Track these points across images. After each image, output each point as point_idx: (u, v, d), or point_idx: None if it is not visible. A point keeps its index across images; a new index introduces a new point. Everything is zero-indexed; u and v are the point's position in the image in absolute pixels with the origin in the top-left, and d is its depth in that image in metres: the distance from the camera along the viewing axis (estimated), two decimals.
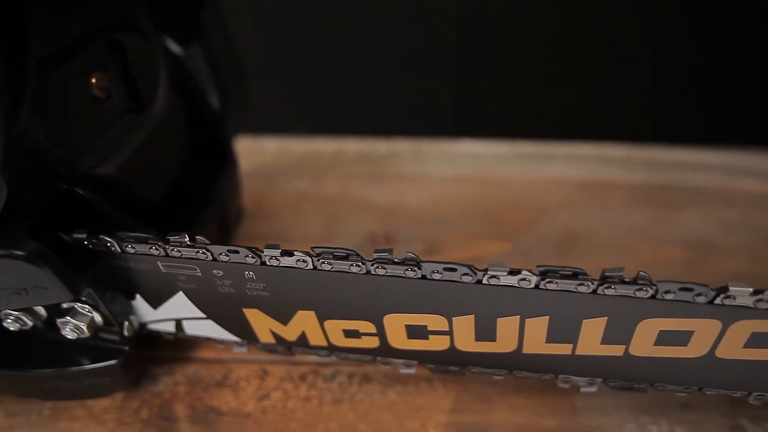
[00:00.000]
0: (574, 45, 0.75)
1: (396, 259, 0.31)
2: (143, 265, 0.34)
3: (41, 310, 0.36)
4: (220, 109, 0.50)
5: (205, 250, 0.32)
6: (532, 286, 0.30)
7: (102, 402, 0.41)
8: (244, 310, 0.36)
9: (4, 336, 0.38)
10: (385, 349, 0.36)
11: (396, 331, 0.34)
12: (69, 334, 0.35)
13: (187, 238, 0.33)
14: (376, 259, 0.31)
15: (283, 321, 0.36)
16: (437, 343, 0.35)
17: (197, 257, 0.33)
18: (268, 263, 0.32)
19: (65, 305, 0.35)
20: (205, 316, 0.37)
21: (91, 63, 0.34)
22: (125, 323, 0.37)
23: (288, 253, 0.31)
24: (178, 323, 0.38)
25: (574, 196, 0.60)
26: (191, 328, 0.39)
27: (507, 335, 0.33)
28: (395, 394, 0.42)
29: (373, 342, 0.36)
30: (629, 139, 0.65)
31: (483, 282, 0.30)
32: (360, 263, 0.31)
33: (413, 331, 0.34)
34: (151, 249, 0.33)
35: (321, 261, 0.31)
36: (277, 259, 0.32)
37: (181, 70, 0.45)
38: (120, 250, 0.34)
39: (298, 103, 0.79)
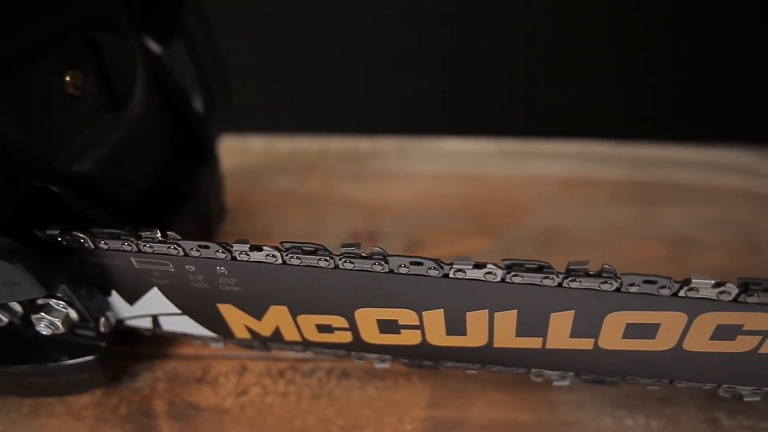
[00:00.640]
0: (559, 44, 0.75)
1: (363, 254, 0.31)
2: (117, 261, 0.35)
3: (17, 307, 0.36)
4: (203, 108, 0.50)
5: (176, 246, 0.33)
6: (499, 279, 0.30)
7: (81, 398, 0.41)
8: (218, 305, 0.36)
9: None
10: (359, 344, 0.36)
11: (368, 325, 0.35)
12: (44, 330, 0.35)
13: (159, 234, 0.33)
14: (343, 254, 0.31)
15: (257, 316, 0.36)
16: (409, 338, 0.35)
17: (169, 252, 0.33)
18: (238, 258, 0.32)
19: (40, 301, 0.35)
20: (180, 311, 0.37)
21: (66, 61, 0.34)
22: (101, 319, 0.37)
23: (257, 248, 0.32)
24: (155, 319, 0.39)
25: (557, 193, 0.60)
26: (168, 324, 0.39)
27: (477, 329, 0.33)
28: (373, 390, 0.42)
29: (346, 337, 0.36)
30: (613, 136, 0.66)
31: (450, 276, 0.31)
32: (328, 258, 0.31)
33: (385, 326, 0.35)
34: (123, 245, 0.33)
35: (290, 256, 0.32)
36: (246, 254, 0.32)
37: (161, 69, 0.45)
38: (93, 247, 0.34)
39: (285, 102, 0.79)
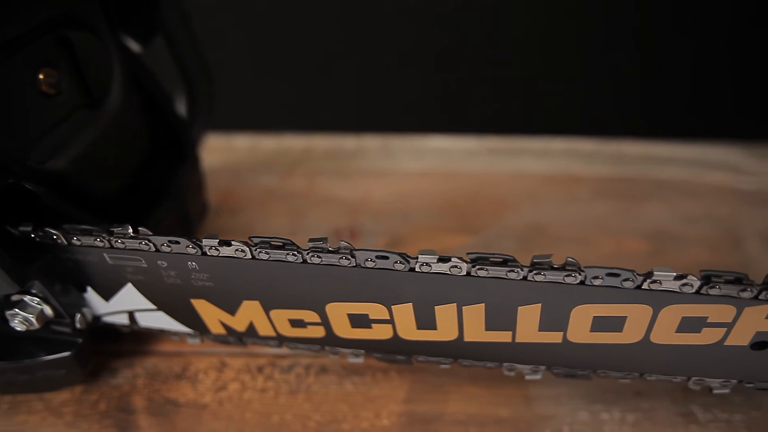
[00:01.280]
0: (544, 42, 0.75)
1: (330, 248, 0.31)
2: (90, 257, 0.35)
3: None
4: (186, 106, 0.51)
5: (147, 241, 0.33)
6: (464, 273, 0.31)
7: (61, 395, 0.42)
8: (191, 300, 0.36)
9: None
10: (332, 339, 0.37)
11: (339, 320, 0.35)
12: (18, 326, 0.35)
13: (131, 230, 0.33)
14: (311, 248, 0.31)
15: (230, 311, 0.36)
16: (381, 332, 0.35)
17: (140, 248, 0.33)
18: (208, 253, 0.33)
19: (14, 297, 0.35)
20: (155, 307, 0.38)
21: (39, 59, 0.34)
22: (77, 315, 0.37)
23: (226, 243, 0.32)
24: (131, 315, 0.39)
25: (539, 189, 0.61)
26: (144, 320, 0.39)
27: (447, 323, 0.34)
28: (351, 385, 0.42)
29: (319, 332, 0.36)
30: (597, 133, 0.66)
31: (416, 270, 0.31)
32: (296, 252, 0.31)
33: (356, 320, 0.35)
34: (96, 241, 0.34)
35: (258, 251, 0.32)
36: (216, 249, 0.32)
37: (140, 68, 0.46)
38: (66, 243, 0.34)
39: (270, 100, 0.79)
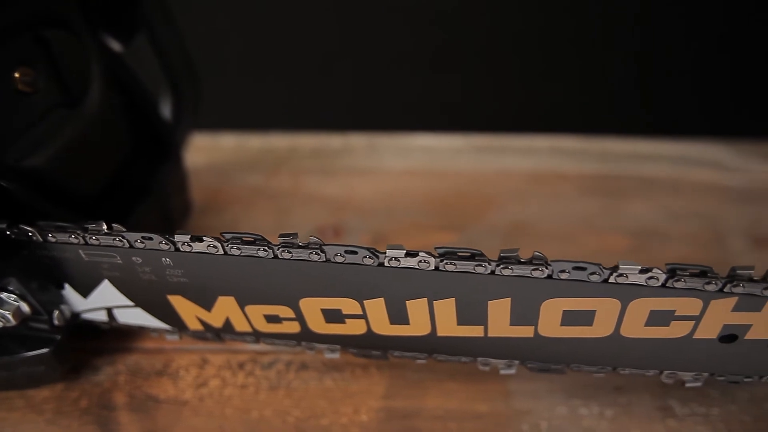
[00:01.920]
0: (528, 41, 0.76)
1: (300, 243, 0.31)
2: (66, 254, 0.35)
3: None
4: (171, 106, 0.51)
5: (121, 238, 0.33)
6: (432, 267, 0.31)
7: (42, 392, 0.42)
8: (168, 296, 0.36)
9: None
10: (308, 335, 0.37)
11: (313, 315, 0.35)
12: None
13: (104, 226, 0.33)
14: (281, 244, 0.32)
15: (206, 307, 0.37)
16: (355, 327, 0.35)
17: (114, 244, 0.34)
18: (181, 249, 0.33)
19: None
20: (133, 303, 0.38)
21: (15, 57, 0.35)
22: (55, 312, 0.38)
23: (198, 239, 0.32)
24: (110, 312, 0.39)
25: (525, 187, 0.61)
26: (123, 317, 0.39)
27: (419, 318, 0.34)
28: (331, 381, 0.42)
29: (294, 327, 0.37)
30: (583, 131, 0.66)
31: (385, 264, 0.31)
32: (267, 248, 0.32)
33: (330, 315, 0.35)
34: (70, 237, 0.34)
35: (230, 246, 0.32)
36: (189, 245, 0.33)
37: (122, 66, 0.46)
38: (42, 239, 0.34)
39: (256, 99, 0.80)
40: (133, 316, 0.39)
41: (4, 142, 0.35)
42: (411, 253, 0.30)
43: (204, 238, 0.32)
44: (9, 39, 0.34)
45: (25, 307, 0.36)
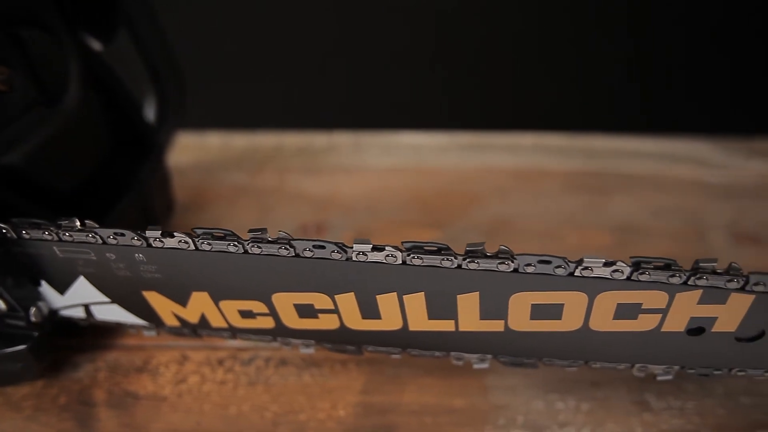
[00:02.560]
0: (513, 39, 0.76)
1: (270, 238, 0.32)
2: (41, 251, 0.35)
3: None
4: (155, 104, 0.51)
5: (94, 234, 0.33)
6: (400, 262, 0.31)
7: (21, 390, 0.42)
8: (143, 292, 0.37)
9: None
10: (282, 330, 0.37)
11: (286, 310, 0.35)
12: None
13: (78, 223, 0.34)
14: (251, 239, 0.32)
15: (181, 303, 0.37)
16: (328, 322, 0.36)
17: (88, 241, 0.34)
18: (153, 245, 0.33)
19: None
20: (109, 300, 0.38)
21: None
22: (32, 309, 0.38)
23: (169, 234, 0.32)
24: (87, 308, 0.39)
25: (508, 184, 0.61)
26: (100, 313, 0.40)
27: (390, 312, 0.34)
28: (309, 377, 0.42)
29: (269, 322, 0.37)
30: (567, 128, 0.66)
31: (353, 259, 0.31)
32: (237, 243, 0.32)
33: (302, 310, 0.35)
34: (44, 234, 0.34)
35: (201, 241, 0.32)
36: (161, 241, 0.33)
37: (101, 65, 0.46)
38: (16, 236, 0.35)
39: (242, 98, 0.80)
40: (110, 312, 0.39)
41: None
42: (378, 248, 0.30)
43: (175, 234, 0.32)
44: None
45: (0, 304, 0.36)
